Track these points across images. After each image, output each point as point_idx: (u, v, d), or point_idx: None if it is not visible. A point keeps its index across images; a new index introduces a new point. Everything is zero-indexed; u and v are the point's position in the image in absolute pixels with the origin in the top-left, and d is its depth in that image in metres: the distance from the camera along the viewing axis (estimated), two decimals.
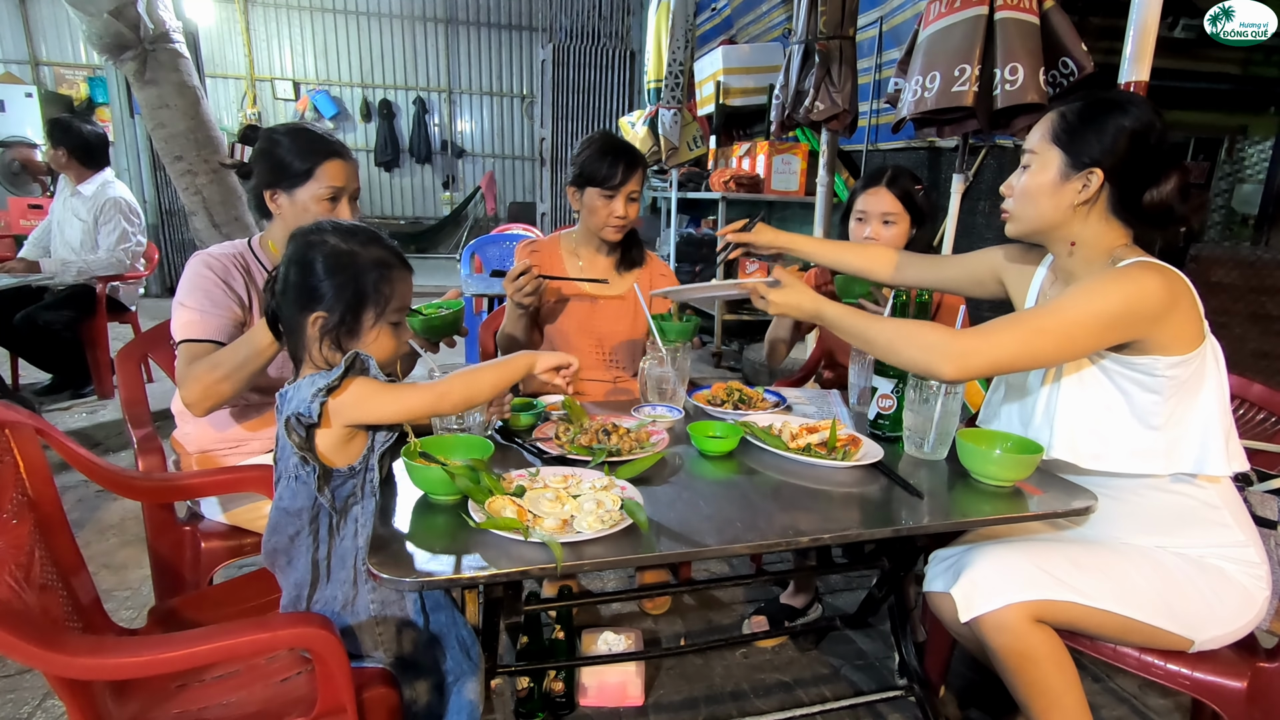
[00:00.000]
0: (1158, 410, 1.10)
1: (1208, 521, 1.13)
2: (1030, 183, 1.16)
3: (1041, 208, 1.15)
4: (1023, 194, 1.18)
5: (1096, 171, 1.09)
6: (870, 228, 1.73)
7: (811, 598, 1.92)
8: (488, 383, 1.07)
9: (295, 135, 1.42)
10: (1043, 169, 1.14)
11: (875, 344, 1.20)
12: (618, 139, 1.77)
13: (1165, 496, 1.14)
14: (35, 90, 7.21)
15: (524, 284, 1.62)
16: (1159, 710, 1.65)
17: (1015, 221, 1.21)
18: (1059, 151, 1.13)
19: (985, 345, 1.09)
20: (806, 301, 1.27)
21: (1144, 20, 1.98)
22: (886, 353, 1.19)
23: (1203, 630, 1.10)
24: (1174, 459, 1.11)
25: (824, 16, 3.10)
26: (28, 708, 1.51)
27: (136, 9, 2.94)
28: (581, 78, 8.20)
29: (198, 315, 1.33)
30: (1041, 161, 1.15)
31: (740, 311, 4.88)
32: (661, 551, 0.93)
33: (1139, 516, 1.17)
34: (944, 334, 1.12)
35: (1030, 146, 1.17)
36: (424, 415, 1.04)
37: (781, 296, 1.28)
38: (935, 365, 1.10)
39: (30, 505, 1.03)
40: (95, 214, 3.23)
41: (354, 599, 1.04)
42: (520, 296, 1.64)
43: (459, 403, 1.05)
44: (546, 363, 1.15)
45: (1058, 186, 1.13)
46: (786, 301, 1.28)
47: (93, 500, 2.48)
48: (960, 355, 1.09)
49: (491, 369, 1.09)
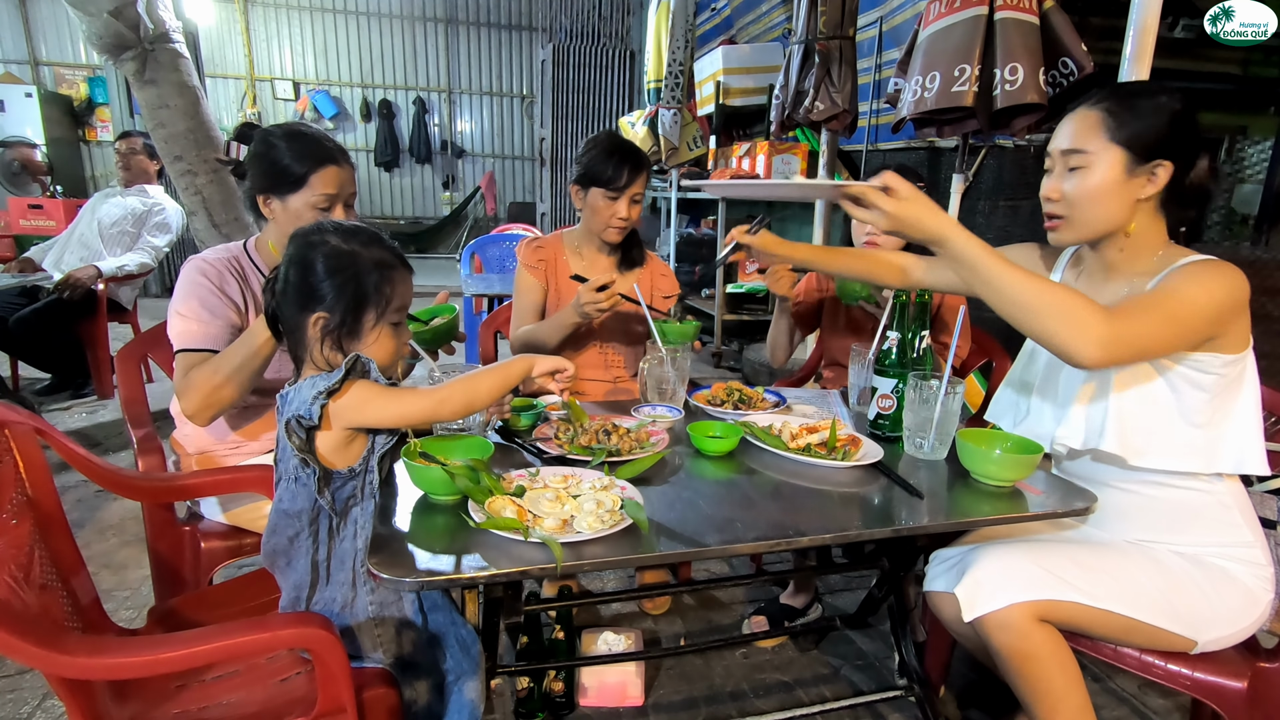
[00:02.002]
0: (1203, 408, 1.09)
1: (1219, 520, 1.14)
2: (1091, 184, 1.09)
3: (1108, 208, 1.10)
4: (1084, 198, 1.10)
5: (1165, 164, 1.06)
6: (873, 228, 1.73)
7: (811, 598, 1.92)
8: (486, 389, 1.05)
9: (290, 139, 1.39)
10: (1103, 168, 1.08)
11: (1006, 296, 1.00)
12: (623, 140, 1.77)
13: (1179, 493, 1.14)
14: (35, 90, 7.20)
15: (603, 300, 1.59)
16: (1159, 710, 1.65)
17: (1074, 227, 1.13)
18: (1120, 149, 1.07)
19: (1130, 332, 0.98)
20: (929, 218, 1.02)
21: (1144, 20, 1.97)
22: (1018, 312, 1.01)
23: (1206, 631, 1.10)
24: (1214, 458, 1.10)
25: (824, 16, 3.10)
26: (28, 708, 1.51)
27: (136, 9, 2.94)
28: (581, 78, 8.19)
29: (195, 324, 1.33)
30: (1103, 162, 1.08)
31: (740, 311, 4.88)
32: (661, 551, 0.93)
33: (1151, 512, 1.17)
34: (1094, 312, 0.97)
35: (1082, 148, 1.10)
36: (423, 422, 1.03)
37: (899, 207, 1.02)
38: (1077, 345, 0.97)
39: (30, 505, 1.03)
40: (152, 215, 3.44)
41: (353, 601, 1.04)
42: (593, 309, 1.61)
43: (458, 409, 1.04)
44: (544, 367, 1.15)
45: (1122, 184, 1.08)
46: (905, 213, 1.02)
47: (93, 500, 2.48)
48: (1111, 341, 0.96)
49: (490, 374, 1.07)
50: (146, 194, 3.51)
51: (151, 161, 3.50)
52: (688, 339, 1.62)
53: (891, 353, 1.35)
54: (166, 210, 3.52)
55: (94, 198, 3.54)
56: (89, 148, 8.31)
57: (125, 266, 3.30)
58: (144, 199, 3.49)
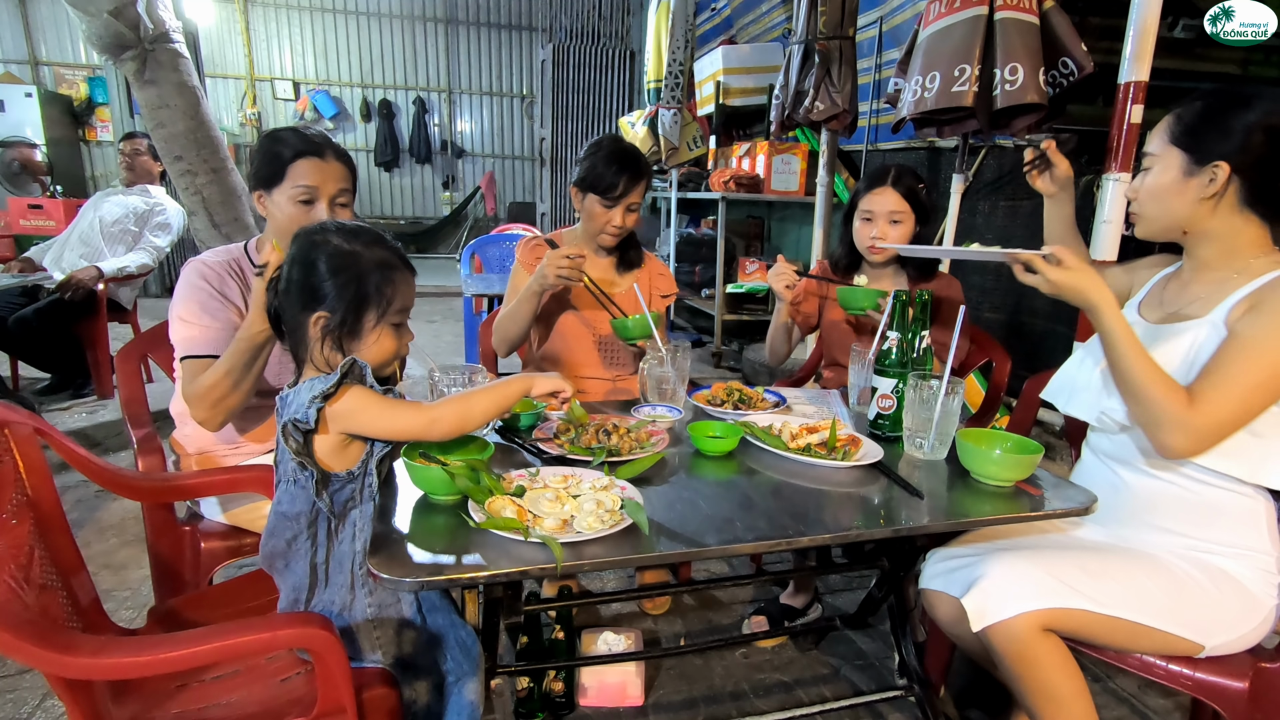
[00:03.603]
0: (1267, 418, 1.07)
1: (1244, 524, 1.13)
2: (1153, 183, 1.17)
3: (1169, 205, 1.16)
4: (1148, 195, 1.19)
5: (1222, 165, 1.09)
6: (877, 228, 1.73)
7: (811, 598, 1.92)
8: (481, 410, 1.04)
9: (276, 135, 1.40)
10: (1165, 169, 1.15)
11: (1120, 374, 1.11)
12: (625, 146, 1.76)
13: (1215, 492, 1.13)
14: (35, 90, 7.19)
15: (567, 263, 1.58)
16: (1159, 710, 1.65)
17: (1143, 221, 1.22)
18: (1179, 151, 1.14)
19: (1212, 421, 1.04)
20: (1092, 290, 1.10)
21: (1144, 20, 1.98)
22: (1123, 392, 1.13)
23: (1213, 636, 1.09)
24: (1261, 469, 1.09)
25: (824, 16, 3.10)
26: (28, 708, 1.51)
27: (136, 9, 2.94)
28: (581, 78, 8.19)
29: (196, 330, 1.33)
30: (1163, 163, 1.16)
31: (740, 311, 4.87)
32: (661, 551, 0.93)
33: (1182, 504, 1.16)
34: (1176, 407, 1.05)
35: (1150, 150, 1.19)
36: (412, 439, 1.02)
37: (1064, 277, 1.12)
38: (1160, 439, 1.07)
39: (30, 505, 1.03)
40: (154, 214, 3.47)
41: (351, 603, 1.04)
42: (556, 268, 1.58)
43: (450, 430, 1.02)
44: (543, 387, 1.14)
45: (1182, 184, 1.13)
46: (1069, 283, 1.12)
47: (93, 500, 2.48)
48: (1194, 434, 1.05)
49: (486, 394, 1.06)
50: (149, 194, 3.52)
51: (155, 163, 3.51)
52: (648, 333, 1.62)
53: (891, 353, 1.35)
54: (168, 210, 3.53)
55: (95, 196, 3.54)
56: (89, 148, 8.31)
57: (126, 267, 3.31)
58: (146, 198, 3.50)
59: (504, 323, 1.75)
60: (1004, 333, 3.24)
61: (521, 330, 1.74)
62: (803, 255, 5.30)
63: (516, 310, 1.71)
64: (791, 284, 1.71)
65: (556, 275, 1.59)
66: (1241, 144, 1.08)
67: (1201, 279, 1.19)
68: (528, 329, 1.76)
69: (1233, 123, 1.09)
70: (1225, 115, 1.11)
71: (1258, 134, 1.07)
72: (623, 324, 1.64)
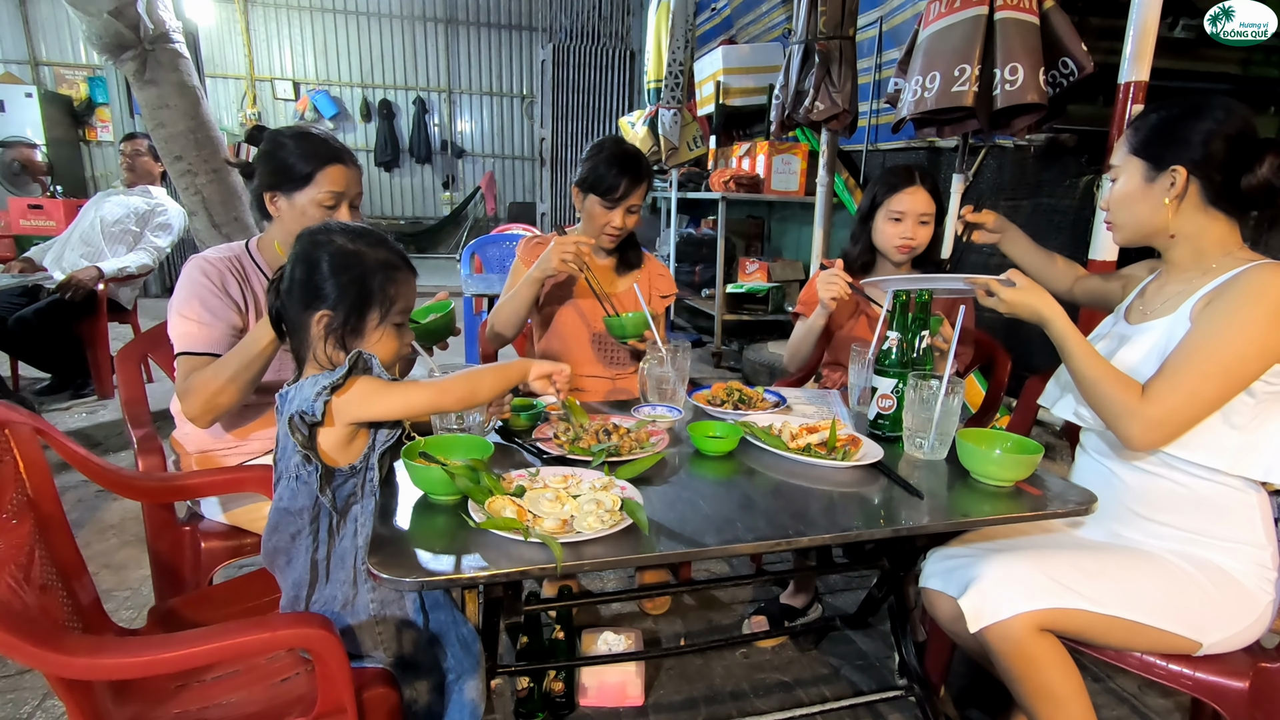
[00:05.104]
0: (1244, 410, 1.10)
1: (1238, 517, 1.14)
2: (1119, 191, 1.24)
3: (1135, 211, 1.21)
4: (1116, 203, 1.25)
5: (1179, 169, 1.14)
6: (907, 227, 1.73)
7: (811, 598, 1.92)
8: (488, 384, 1.09)
9: (299, 139, 1.41)
10: (1128, 178, 1.22)
11: (1076, 373, 1.19)
12: (627, 149, 1.76)
13: (1207, 485, 1.14)
14: (35, 90, 7.19)
15: (574, 248, 1.58)
16: (1159, 710, 1.65)
17: (1118, 229, 1.27)
18: (1139, 160, 1.20)
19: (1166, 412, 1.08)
20: (1042, 305, 1.22)
21: (1144, 20, 1.98)
22: (1082, 389, 1.19)
23: (1210, 633, 1.10)
24: (1243, 462, 1.11)
25: (824, 16, 3.10)
26: (28, 708, 1.51)
27: (136, 9, 2.94)
28: (581, 78, 8.19)
29: (196, 327, 1.33)
30: (1126, 172, 1.22)
31: (740, 311, 4.87)
32: (661, 551, 0.93)
33: (1176, 498, 1.17)
34: (1130, 400, 1.11)
35: (1114, 162, 1.26)
36: (427, 411, 1.06)
37: (1016, 296, 1.24)
38: (1120, 431, 1.13)
39: (30, 505, 1.03)
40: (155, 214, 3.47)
41: (353, 599, 1.04)
42: (563, 251, 1.58)
43: (461, 399, 1.06)
44: (541, 370, 1.18)
45: (1145, 189, 1.19)
46: (1021, 301, 1.24)
47: (93, 500, 2.48)
48: (1152, 426, 1.09)
49: (491, 372, 1.11)
50: (150, 194, 3.53)
51: (156, 163, 3.52)
52: (641, 331, 1.64)
53: (891, 353, 1.35)
54: (169, 210, 3.53)
55: (96, 196, 3.54)
56: (89, 148, 8.30)
57: (126, 268, 3.31)
58: (147, 199, 3.50)
59: (501, 309, 1.75)
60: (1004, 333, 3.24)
61: (518, 317, 1.74)
62: (803, 255, 5.31)
63: (515, 296, 1.71)
64: (840, 295, 1.63)
65: (561, 260, 1.59)
66: (1192, 146, 1.13)
67: (1174, 279, 1.23)
68: (524, 317, 1.76)
69: (1181, 128, 1.15)
70: (1173, 120, 1.16)
71: (1218, 141, 1.11)
72: (616, 321, 1.65)
